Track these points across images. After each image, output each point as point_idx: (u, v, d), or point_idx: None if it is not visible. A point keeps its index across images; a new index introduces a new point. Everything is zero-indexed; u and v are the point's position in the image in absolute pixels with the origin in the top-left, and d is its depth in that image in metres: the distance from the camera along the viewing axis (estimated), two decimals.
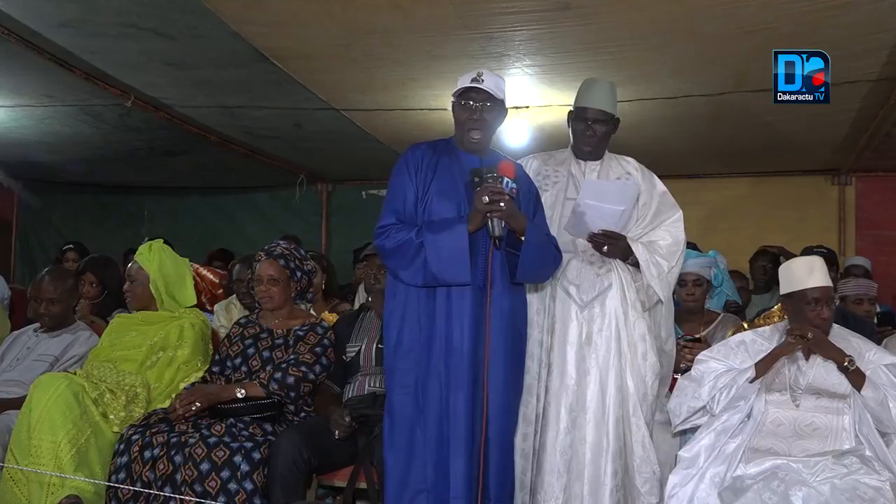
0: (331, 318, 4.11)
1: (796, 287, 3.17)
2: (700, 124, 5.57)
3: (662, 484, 3.19)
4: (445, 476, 2.87)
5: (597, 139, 3.38)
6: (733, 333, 3.52)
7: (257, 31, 4.15)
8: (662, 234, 3.38)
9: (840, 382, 3.07)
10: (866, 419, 3.01)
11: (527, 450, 3.26)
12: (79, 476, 3.19)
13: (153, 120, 5.59)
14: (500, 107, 3.06)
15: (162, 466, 3.20)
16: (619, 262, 3.33)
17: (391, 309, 3.01)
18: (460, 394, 2.88)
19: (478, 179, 2.93)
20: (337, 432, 3.33)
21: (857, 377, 3.04)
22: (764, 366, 3.15)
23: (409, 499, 2.90)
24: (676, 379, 3.46)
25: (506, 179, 2.92)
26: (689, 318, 4.00)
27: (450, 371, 2.90)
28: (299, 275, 3.75)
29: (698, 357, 3.36)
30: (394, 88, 4.98)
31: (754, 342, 3.29)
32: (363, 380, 3.57)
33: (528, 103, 5.22)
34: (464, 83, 3.02)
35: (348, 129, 5.82)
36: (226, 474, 3.14)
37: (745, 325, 3.76)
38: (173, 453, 3.21)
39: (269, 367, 3.56)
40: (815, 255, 3.37)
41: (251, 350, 3.65)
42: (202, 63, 4.63)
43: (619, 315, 3.28)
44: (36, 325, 4.10)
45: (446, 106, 5.22)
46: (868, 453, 2.96)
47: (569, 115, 3.46)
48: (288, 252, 3.75)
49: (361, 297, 5.32)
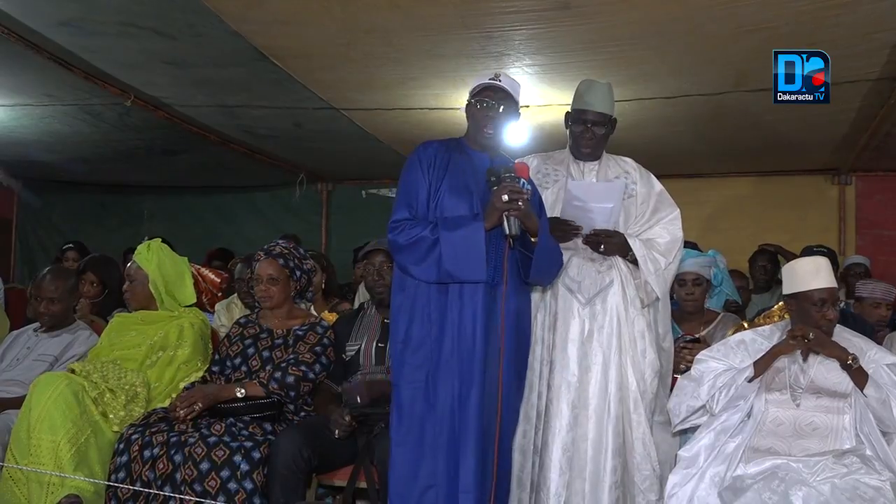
0: (331, 317, 4.10)
1: (801, 287, 3.16)
2: (700, 124, 5.57)
3: (662, 483, 3.19)
4: (455, 471, 2.88)
5: (595, 141, 3.39)
6: (733, 333, 3.52)
7: (257, 30, 4.15)
8: (660, 232, 3.40)
9: (841, 381, 3.07)
10: (868, 418, 3.01)
11: (525, 447, 3.26)
12: (78, 475, 3.19)
13: (153, 119, 5.59)
14: (515, 108, 3.11)
15: (162, 466, 3.20)
16: (619, 259, 3.35)
17: (399, 303, 3.02)
18: (474, 389, 2.89)
19: (495, 179, 2.97)
20: (337, 431, 3.33)
21: (859, 376, 3.04)
22: (762, 365, 3.15)
23: (419, 494, 2.91)
24: (676, 379, 3.46)
25: (522, 180, 2.97)
26: (689, 318, 3.99)
27: (462, 367, 2.91)
28: (299, 274, 3.75)
29: (698, 357, 3.36)
30: (394, 88, 4.98)
31: (754, 341, 3.29)
32: (363, 379, 3.57)
33: (527, 102, 5.21)
34: (481, 83, 3.07)
35: (348, 128, 5.81)
36: (225, 474, 3.14)
37: (745, 324, 3.76)
38: (173, 452, 3.21)
39: (268, 367, 3.56)
40: (820, 256, 3.37)
41: (251, 350, 3.65)
42: (202, 62, 4.63)
43: (620, 312, 3.30)
44: (36, 325, 4.10)
45: (446, 105, 5.29)
46: (869, 453, 2.96)
47: (566, 116, 3.47)
48: (287, 251, 3.75)
49: (361, 296, 5.32)
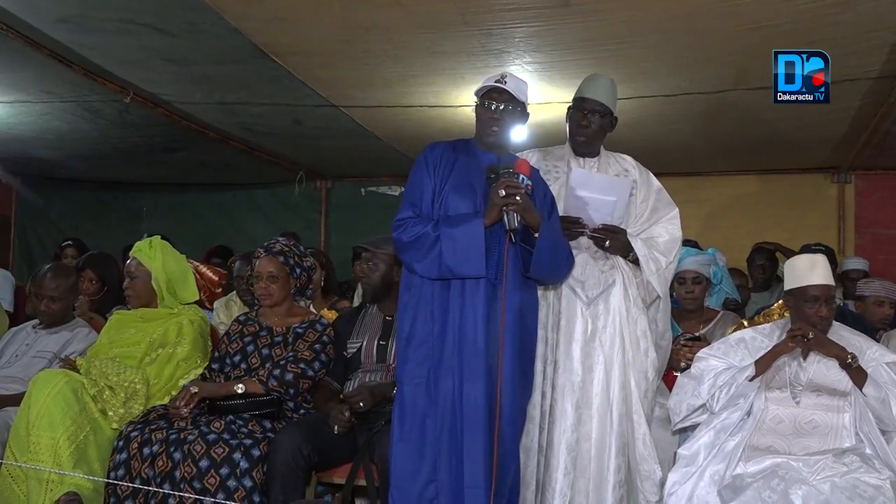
0: (330, 315, 4.10)
1: (798, 283, 3.18)
2: (699, 122, 5.56)
3: (662, 482, 3.19)
4: (458, 466, 2.89)
5: (591, 131, 3.37)
6: (733, 331, 3.52)
7: (257, 27, 4.14)
8: (660, 231, 3.40)
9: (840, 379, 3.07)
10: (867, 417, 3.01)
11: (528, 446, 3.25)
12: (77, 473, 3.19)
13: (152, 116, 5.58)
14: (521, 109, 3.12)
15: (161, 463, 3.20)
16: (621, 259, 3.34)
17: (405, 301, 3.05)
18: (476, 384, 2.90)
19: (493, 175, 2.99)
20: (336, 427, 3.34)
21: (858, 374, 3.05)
22: (763, 364, 3.15)
23: (420, 489, 2.91)
24: (676, 377, 3.46)
25: (521, 176, 2.98)
26: (689, 316, 4.00)
27: (464, 362, 2.93)
28: (299, 271, 3.74)
29: (698, 355, 3.36)
30: (394, 85, 4.97)
31: (754, 339, 3.29)
32: (363, 377, 3.57)
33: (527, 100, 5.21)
34: (487, 84, 3.08)
35: (348, 125, 5.81)
36: (225, 471, 3.14)
37: (745, 322, 3.76)
38: (172, 450, 3.21)
39: (268, 365, 3.56)
40: (818, 253, 3.37)
41: (250, 347, 3.65)
42: (201, 59, 4.62)
43: (623, 311, 3.30)
44: (34, 322, 4.10)
45: (446, 102, 5.28)
46: (868, 451, 2.97)
47: (568, 109, 3.47)
48: (287, 249, 3.74)
49: (361, 293, 5.32)
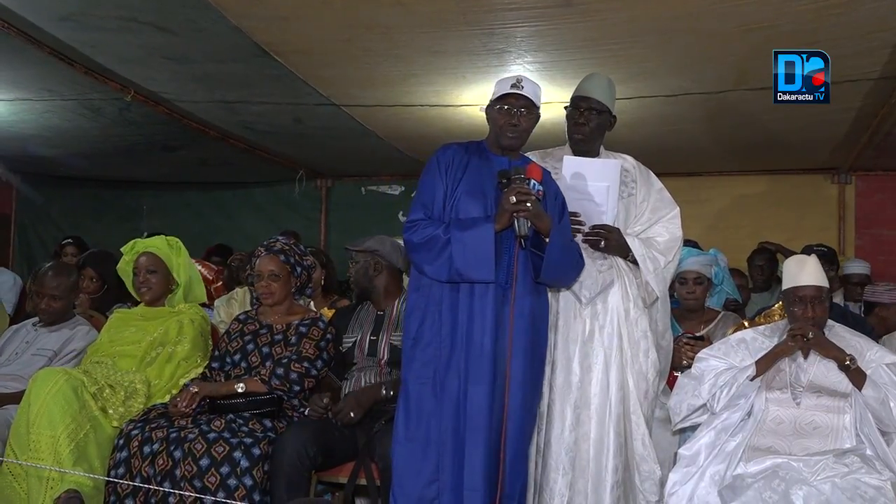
0: (330, 313, 4.10)
1: (788, 284, 3.21)
2: (700, 122, 5.56)
3: (662, 482, 3.19)
4: (460, 468, 2.90)
5: (589, 129, 3.36)
6: (734, 331, 3.52)
7: (258, 25, 4.14)
8: (660, 231, 3.40)
9: (841, 381, 3.07)
10: (867, 418, 3.01)
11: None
12: (78, 471, 3.18)
13: (153, 114, 5.58)
14: (537, 113, 3.13)
15: (161, 462, 3.20)
16: (620, 259, 3.33)
17: (414, 302, 3.06)
18: (480, 387, 2.91)
19: (505, 181, 2.99)
20: (308, 411, 3.39)
21: (857, 376, 3.05)
22: (764, 364, 3.16)
23: (422, 488, 2.92)
24: (676, 377, 3.46)
25: (532, 181, 2.98)
26: (690, 316, 4.00)
27: (470, 365, 2.93)
28: (299, 270, 3.75)
29: (698, 355, 3.36)
30: (395, 84, 4.97)
31: (755, 340, 3.29)
32: (359, 375, 3.58)
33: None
34: (503, 88, 3.08)
35: (348, 124, 5.80)
36: (225, 470, 3.14)
37: (746, 323, 3.76)
38: (173, 448, 3.20)
39: (268, 363, 3.56)
40: (811, 254, 3.38)
41: (250, 346, 3.65)
42: (202, 58, 4.62)
43: (621, 312, 3.29)
44: (34, 320, 4.10)
45: (447, 102, 5.28)
46: (869, 452, 2.97)
47: (566, 108, 3.46)
48: (288, 247, 3.75)
49: None
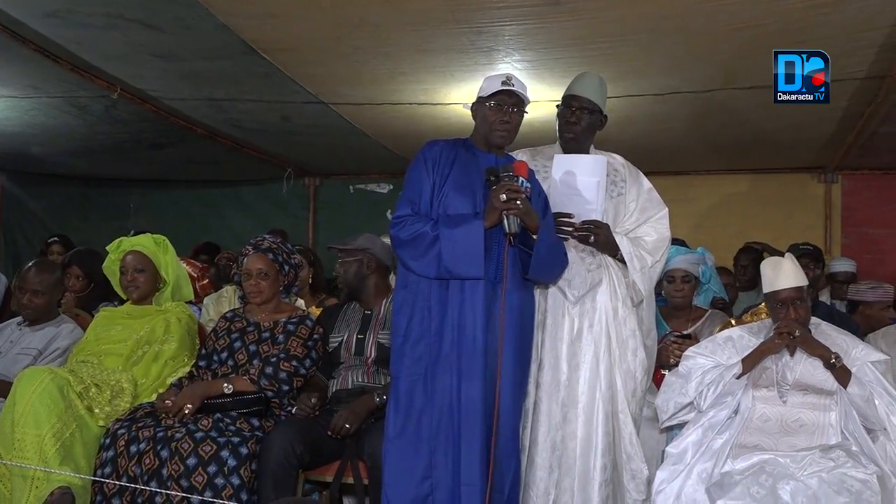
0: (318, 312, 4.10)
1: (767, 289, 3.23)
2: (688, 121, 5.58)
3: (649, 480, 3.20)
4: (455, 464, 2.90)
5: (580, 128, 3.36)
6: (721, 330, 3.53)
7: (246, 23, 4.12)
8: (648, 230, 3.40)
9: (827, 379, 3.09)
10: (852, 415, 3.03)
11: None
12: (64, 470, 3.16)
13: (140, 112, 5.55)
14: (524, 110, 3.15)
15: (148, 461, 3.18)
16: (609, 258, 3.34)
17: (401, 299, 3.06)
18: (474, 383, 2.92)
19: (493, 178, 3.00)
20: (295, 409, 3.38)
21: (843, 374, 3.07)
22: (750, 362, 3.17)
23: (415, 486, 2.92)
24: (664, 375, 3.47)
25: (521, 179, 2.99)
26: (677, 315, 4.01)
27: (462, 361, 2.94)
28: (287, 269, 3.75)
29: (685, 353, 3.38)
30: (383, 82, 4.96)
31: (741, 338, 3.31)
32: (346, 373, 3.58)
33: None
34: (494, 85, 3.09)
35: (336, 123, 5.79)
36: (213, 469, 3.13)
37: (733, 321, 3.77)
38: (159, 448, 3.19)
39: (255, 361, 3.55)
40: (797, 253, 3.40)
41: (237, 344, 3.63)
42: (190, 55, 4.59)
43: (609, 311, 3.29)
44: (19, 319, 4.07)
45: (436, 100, 5.27)
46: (854, 448, 2.98)
47: (557, 107, 3.47)
48: (276, 246, 3.75)
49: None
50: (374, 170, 7.66)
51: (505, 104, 3.08)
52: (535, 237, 3.01)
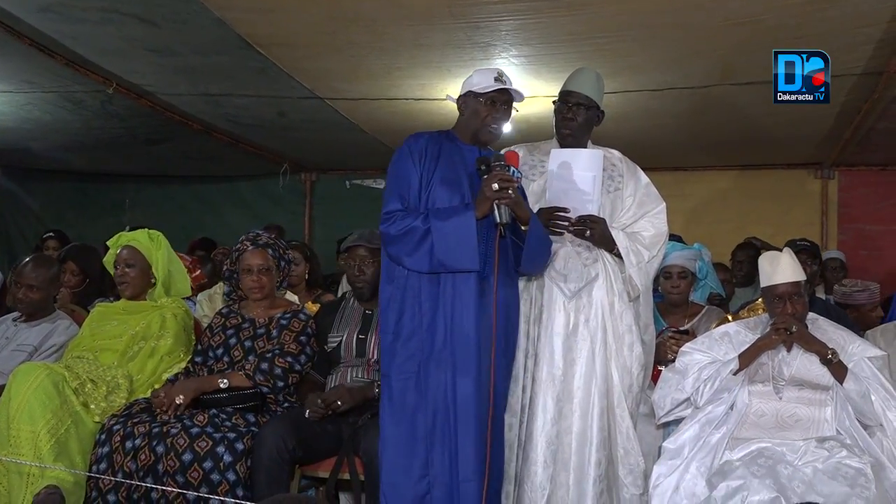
0: (315, 308, 4.09)
1: (764, 283, 3.23)
2: (685, 117, 5.58)
3: (646, 475, 3.20)
4: (452, 460, 2.90)
5: (577, 124, 3.35)
6: (717, 325, 3.53)
7: (241, 17, 4.11)
8: (645, 225, 3.39)
9: (823, 374, 3.09)
10: (848, 410, 3.04)
11: (511, 440, 3.25)
12: (59, 466, 3.16)
13: (135, 107, 5.54)
14: (512, 108, 3.15)
15: (144, 457, 3.18)
16: (605, 252, 3.33)
17: (389, 294, 3.03)
18: (469, 378, 2.90)
19: (485, 167, 2.98)
20: (308, 412, 3.33)
21: (839, 370, 3.07)
22: (747, 357, 3.17)
23: (413, 484, 2.91)
24: (660, 371, 3.47)
25: (512, 168, 2.98)
26: (674, 311, 4.01)
27: (456, 356, 2.92)
28: (283, 264, 3.76)
29: (682, 349, 3.37)
30: (379, 77, 4.95)
31: (738, 333, 3.31)
32: (345, 371, 3.57)
33: None
34: (487, 81, 3.06)
35: (332, 118, 5.78)
36: (208, 465, 3.13)
37: (730, 317, 3.77)
38: (155, 444, 3.18)
39: (251, 357, 3.54)
40: (795, 249, 3.41)
41: (233, 340, 3.63)
42: (185, 50, 4.58)
43: (606, 305, 3.29)
44: (15, 315, 4.06)
45: (432, 95, 5.26)
46: (849, 442, 2.99)
47: (553, 102, 3.46)
48: (273, 241, 3.76)
49: (345, 287, 5.30)
50: (370, 165, 7.65)
51: (498, 101, 3.07)
52: (524, 228, 2.99)
